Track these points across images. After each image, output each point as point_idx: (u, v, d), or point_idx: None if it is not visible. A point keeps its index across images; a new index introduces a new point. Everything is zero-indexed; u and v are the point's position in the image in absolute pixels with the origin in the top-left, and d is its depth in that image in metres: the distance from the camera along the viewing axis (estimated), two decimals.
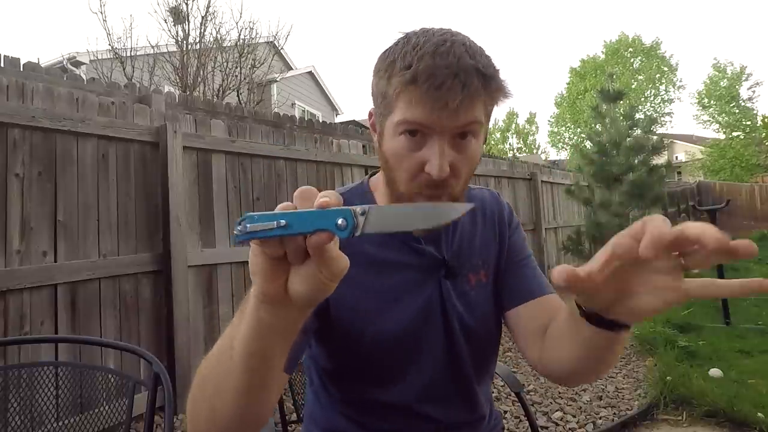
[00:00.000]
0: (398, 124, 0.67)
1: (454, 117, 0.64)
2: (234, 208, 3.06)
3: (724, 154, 24.27)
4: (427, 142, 0.67)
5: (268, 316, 0.44)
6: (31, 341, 2.10)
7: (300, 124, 6.31)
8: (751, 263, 7.57)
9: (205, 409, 0.53)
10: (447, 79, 0.62)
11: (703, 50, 64.59)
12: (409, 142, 0.67)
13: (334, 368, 0.81)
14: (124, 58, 7.55)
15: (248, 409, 0.51)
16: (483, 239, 0.85)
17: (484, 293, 0.83)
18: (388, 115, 0.69)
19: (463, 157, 0.68)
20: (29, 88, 2.29)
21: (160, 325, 2.63)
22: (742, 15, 60.47)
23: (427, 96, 0.63)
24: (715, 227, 0.40)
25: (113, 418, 1.07)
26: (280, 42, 10.07)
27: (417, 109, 0.64)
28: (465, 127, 0.66)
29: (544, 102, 71.92)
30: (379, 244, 0.78)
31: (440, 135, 0.66)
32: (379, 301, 0.77)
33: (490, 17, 77.79)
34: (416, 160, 0.67)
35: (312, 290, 0.40)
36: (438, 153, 0.65)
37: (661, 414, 2.50)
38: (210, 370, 0.53)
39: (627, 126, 6.15)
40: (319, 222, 0.37)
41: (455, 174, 0.68)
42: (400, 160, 0.69)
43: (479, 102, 0.66)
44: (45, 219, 2.25)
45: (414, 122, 0.65)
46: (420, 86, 0.63)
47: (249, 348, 0.46)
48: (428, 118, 0.64)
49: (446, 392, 0.80)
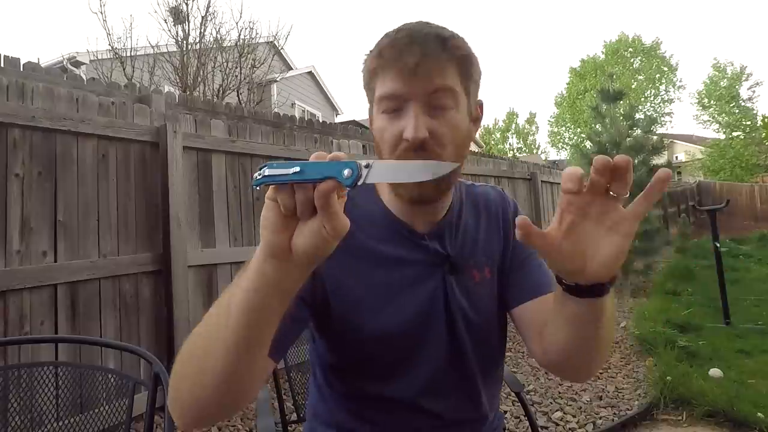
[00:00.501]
0: (377, 102, 0.73)
1: (422, 82, 0.68)
2: (234, 208, 3.06)
3: (724, 154, 24.26)
4: (403, 113, 0.70)
5: (272, 271, 0.47)
6: (31, 341, 2.10)
7: (300, 124, 6.31)
8: (751, 263, 7.57)
9: (191, 374, 0.55)
10: (405, 46, 0.69)
11: (703, 50, 64.61)
12: (389, 117, 0.72)
13: (337, 362, 0.81)
14: (124, 58, 7.54)
15: (233, 379, 0.53)
16: (487, 236, 0.86)
17: (488, 290, 0.83)
18: (373, 100, 0.75)
19: (442, 125, 0.70)
20: (29, 88, 2.29)
21: (160, 325, 2.63)
22: (742, 15, 60.47)
23: (391, 64, 0.69)
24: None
25: (113, 418, 1.07)
26: (280, 42, 10.06)
27: (387, 80, 0.70)
28: (437, 93, 0.69)
29: (544, 102, 72.01)
30: (383, 239, 0.79)
31: (414, 102, 0.69)
32: (382, 295, 0.77)
33: (490, 17, 77.80)
34: (396, 129, 0.71)
35: (314, 245, 0.44)
36: (412, 116, 0.69)
37: (661, 414, 2.50)
38: (204, 327, 0.56)
39: (627, 126, 6.15)
40: (327, 170, 0.42)
41: (438, 142, 0.70)
42: (382, 134, 0.73)
43: (447, 67, 0.70)
44: (45, 219, 2.25)
45: (387, 95, 0.71)
46: (383, 57, 0.70)
47: (249, 302, 0.49)
48: (398, 85, 0.69)
49: (449, 388, 0.80)
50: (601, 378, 3.06)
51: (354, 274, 0.76)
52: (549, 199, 7.11)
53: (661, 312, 4.20)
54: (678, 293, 5.25)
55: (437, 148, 0.70)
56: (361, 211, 0.78)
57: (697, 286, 5.58)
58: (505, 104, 76.38)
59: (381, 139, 0.73)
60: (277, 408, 1.45)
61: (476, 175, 5.50)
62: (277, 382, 1.44)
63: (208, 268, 2.87)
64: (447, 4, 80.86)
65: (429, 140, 0.69)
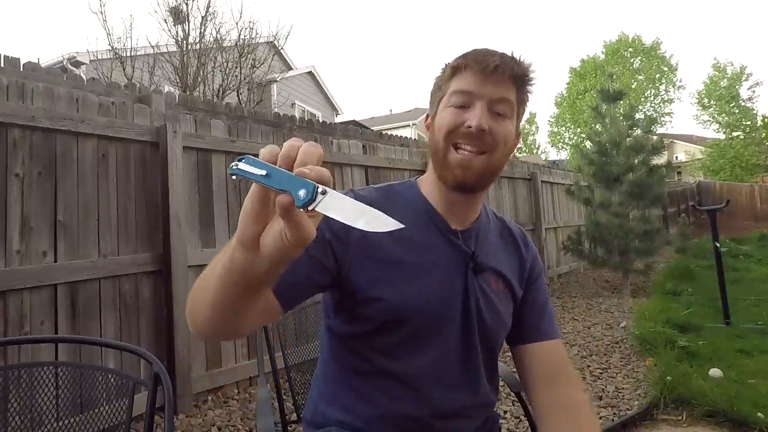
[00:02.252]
0: (450, 95, 0.82)
1: (493, 86, 0.79)
2: (234, 208, 3.06)
3: (724, 154, 24.28)
4: (470, 110, 0.80)
5: (240, 257, 0.49)
6: (31, 341, 2.10)
7: (300, 124, 6.32)
8: (751, 263, 7.57)
9: (198, 300, 0.63)
10: (488, 53, 0.81)
11: (703, 50, 64.60)
12: (457, 110, 0.81)
13: (352, 332, 0.84)
14: (124, 58, 7.54)
15: (226, 315, 0.60)
16: (506, 257, 0.93)
17: (503, 299, 0.90)
18: (441, 98, 0.84)
19: (499, 128, 0.80)
20: (29, 88, 2.29)
21: (160, 325, 2.63)
22: (742, 15, 60.45)
23: (474, 62, 0.80)
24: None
25: (113, 418, 1.07)
26: (280, 42, 10.07)
27: (466, 76, 0.81)
28: (499, 102, 0.80)
29: (544, 102, 71.96)
30: (420, 227, 0.85)
31: (482, 101, 0.79)
32: (412, 273, 0.82)
33: (490, 17, 77.75)
34: (459, 119, 0.80)
35: (275, 248, 0.46)
36: (478, 111, 0.79)
37: (661, 414, 2.49)
38: (205, 273, 0.63)
39: (627, 126, 6.14)
40: (288, 183, 0.42)
41: (493, 139, 0.80)
42: (446, 122, 0.81)
43: (512, 85, 0.81)
44: (45, 219, 2.25)
45: (461, 90, 0.80)
46: (468, 58, 0.81)
47: (222, 277, 0.54)
48: (474, 84, 0.79)
49: (454, 373, 0.84)
50: (601, 378, 3.06)
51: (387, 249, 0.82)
52: (549, 199, 7.11)
53: (661, 312, 4.20)
54: (678, 293, 5.25)
55: (491, 144, 0.80)
56: (403, 200, 0.88)
57: (697, 286, 5.58)
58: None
59: (443, 126, 0.81)
60: (277, 408, 1.45)
61: None
62: (277, 382, 1.44)
63: None
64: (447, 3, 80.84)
65: (487, 134, 0.79)
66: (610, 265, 5.93)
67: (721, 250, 4.22)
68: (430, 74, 0.97)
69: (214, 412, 2.62)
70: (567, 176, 7.91)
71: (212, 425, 2.48)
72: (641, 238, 5.74)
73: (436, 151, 0.83)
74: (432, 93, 0.89)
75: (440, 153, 0.82)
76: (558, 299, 5.50)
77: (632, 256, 5.77)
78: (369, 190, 0.90)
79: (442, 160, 0.82)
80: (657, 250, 5.88)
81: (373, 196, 0.86)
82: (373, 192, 0.88)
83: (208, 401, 2.75)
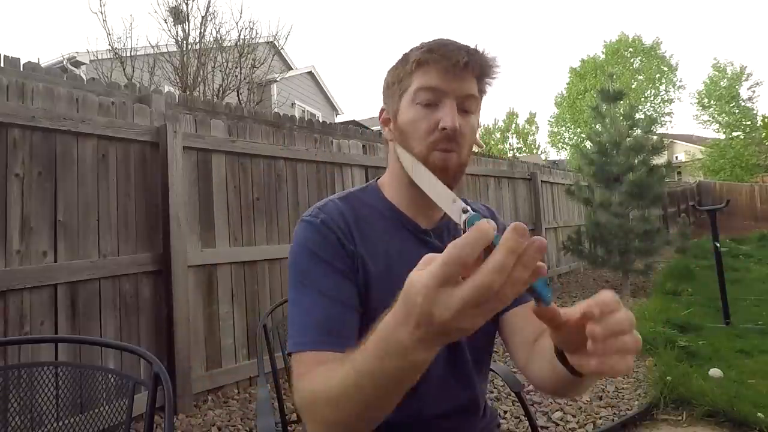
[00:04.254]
0: (416, 92, 0.78)
1: (461, 83, 0.77)
2: (234, 208, 3.06)
3: (724, 154, 24.27)
4: (439, 107, 0.77)
5: (429, 357, 0.46)
6: (31, 341, 2.10)
7: (300, 124, 6.31)
8: (751, 263, 7.57)
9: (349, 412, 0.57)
10: (454, 48, 0.77)
11: (703, 50, 64.61)
12: (424, 109, 0.78)
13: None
14: (124, 58, 7.54)
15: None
16: None
17: None
18: (404, 92, 0.80)
19: (467, 126, 0.79)
20: (29, 88, 2.29)
21: (160, 325, 2.63)
22: (742, 15, 60.45)
23: (441, 58, 0.76)
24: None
25: (113, 418, 1.06)
26: (280, 42, 10.06)
27: (432, 72, 0.77)
28: (467, 98, 0.78)
29: (544, 102, 71.95)
30: (390, 234, 0.83)
31: (450, 99, 0.77)
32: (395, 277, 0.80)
33: (490, 17, 77.77)
34: (431, 120, 0.77)
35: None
36: (450, 110, 0.76)
37: (661, 414, 2.49)
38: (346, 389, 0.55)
39: (627, 126, 6.14)
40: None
41: (463, 137, 0.78)
42: (416, 124, 0.78)
43: (475, 80, 0.78)
44: (45, 219, 2.25)
45: (429, 86, 0.77)
46: (435, 53, 0.77)
47: (398, 386, 0.51)
48: (442, 80, 0.76)
49: (441, 375, 0.83)
50: (601, 378, 3.06)
51: (376, 260, 0.81)
52: (549, 199, 7.11)
53: (661, 312, 4.20)
54: (678, 293, 5.25)
55: (461, 143, 0.78)
56: (369, 209, 0.85)
57: (697, 286, 5.58)
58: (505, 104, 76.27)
59: (414, 129, 0.78)
60: (277, 408, 1.45)
61: (476, 175, 5.50)
62: (276, 382, 1.44)
63: (208, 268, 2.87)
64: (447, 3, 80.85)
65: (458, 134, 0.77)
66: (610, 265, 5.93)
67: (721, 250, 4.22)
68: None
69: (214, 412, 2.62)
70: (567, 176, 7.91)
71: (212, 425, 2.48)
72: (641, 238, 5.74)
73: (408, 150, 0.79)
74: (389, 85, 0.84)
75: (418, 157, 0.78)
76: (558, 299, 5.50)
77: (632, 256, 5.77)
78: (334, 202, 0.84)
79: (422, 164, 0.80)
80: (657, 250, 5.87)
81: (339, 210, 0.82)
82: (339, 205, 0.84)
83: (208, 401, 2.75)
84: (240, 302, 3.03)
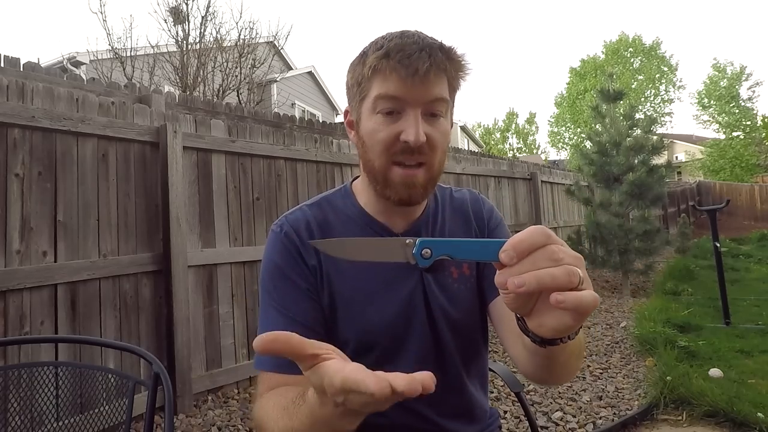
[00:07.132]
0: (375, 100, 0.72)
1: (425, 89, 0.70)
2: (234, 208, 3.06)
3: (724, 154, 24.25)
4: (402, 116, 0.71)
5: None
6: (31, 341, 2.10)
7: (300, 124, 6.31)
8: (751, 263, 7.57)
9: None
10: (414, 51, 0.69)
11: (703, 50, 64.62)
12: (385, 119, 0.72)
13: None
14: (124, 58, 7.54)
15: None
16: (465, 236, 0.87)
17: (468, 286, 0.84)
18: (364, 99, 0.74)
19: (436, 131, 0.73)
20: (29, 88, 2.29)
21: (160, 325, 2.63)
22: (742, 15, 60.46)
23: (399, 65, 0.69)
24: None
25: (113, 418, 1.06)
26: (280, 42, 10.06)
27: (391, 81, 0.70)
28: (435, 102, 0.71)
29: (544, 102, 71.95)
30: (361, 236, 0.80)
31: (413, 108, 0.71)
32: (364, 296, 0.79)
33: (490, 17, 77.80)
34: (392, 131, 0.72)
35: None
36: (413, 121, 0.70)
37: (661, 414, 2.49)
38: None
39: (627, 126, 6.15)
40: None
41: (432, 146, 0.73)
42: (376, 135, 0.73)
43: (444, 78, 0.72)
44: (45, 219, 2.25)
45: (388, 95, 0.71)
46: (392, 59, 0.69)
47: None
48: (402, 89, 0.70)
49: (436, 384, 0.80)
50: (601, 378, 3.06)
51: (341, 277, 0.79)
52: (549, 198, 7.11)
53: (661, 312, 4.20)
54: (678, 293, 5.26)
55: (430, 152, 0.73)
56: (340, 215, 0.82)
57: (697, 286, 5.59)
58: (505, 104, 76.24)
59: (373, 140, 0.73)
60: None
61: (476, 175, 5.50)
62: None
63: (208, 268, 2.87)
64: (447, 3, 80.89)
65: (425, 145, 0.71)
66: (610, 265, 5.93)
67: (721, 250, 4.22)
68: None
69: (214, 412, 2.62)
70: (567, 176, 7.91)
71: (212, 425, 2.48)
72: (641, 238, 5.74)
73: (372, 169, 0.75)
74: (350, 85, 0.78)
75: (378, 172, 0.75)
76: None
77: (632, 256, 5.77)
78: (302, 210, 0.83)
79: (383, 180, 0.75)
80: (657, 250, 5.88)
81: (305, 219, 0.81)
82: (307, 213, 0.82)
83: (208, 401, 2.75)
84: (240, 302, 3.03)
